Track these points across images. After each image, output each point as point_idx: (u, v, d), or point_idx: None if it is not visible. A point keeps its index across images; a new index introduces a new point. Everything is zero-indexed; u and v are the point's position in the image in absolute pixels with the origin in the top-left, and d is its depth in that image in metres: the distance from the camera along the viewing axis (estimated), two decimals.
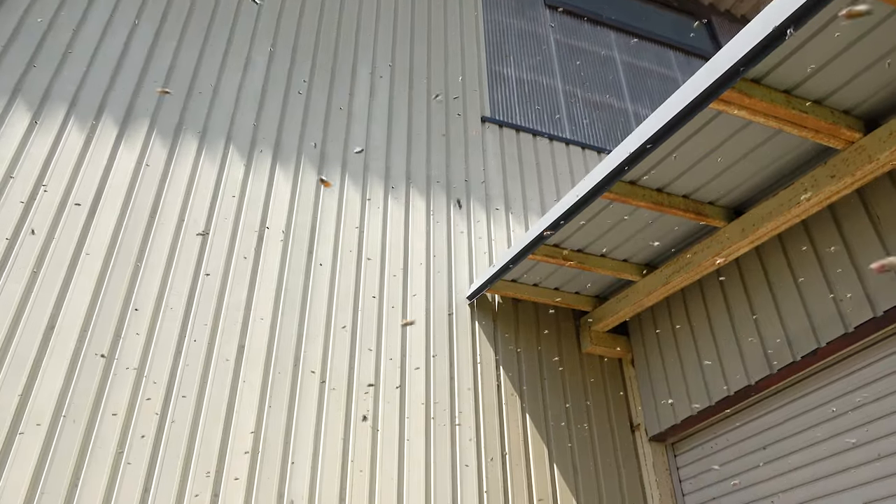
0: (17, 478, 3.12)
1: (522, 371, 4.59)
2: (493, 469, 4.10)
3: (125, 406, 3.49)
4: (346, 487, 3.70)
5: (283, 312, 4.11)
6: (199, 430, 3.56)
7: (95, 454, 3.31)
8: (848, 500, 3.26)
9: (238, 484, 3.49)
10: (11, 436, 3.20)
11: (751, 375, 3.82)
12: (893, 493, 3.08)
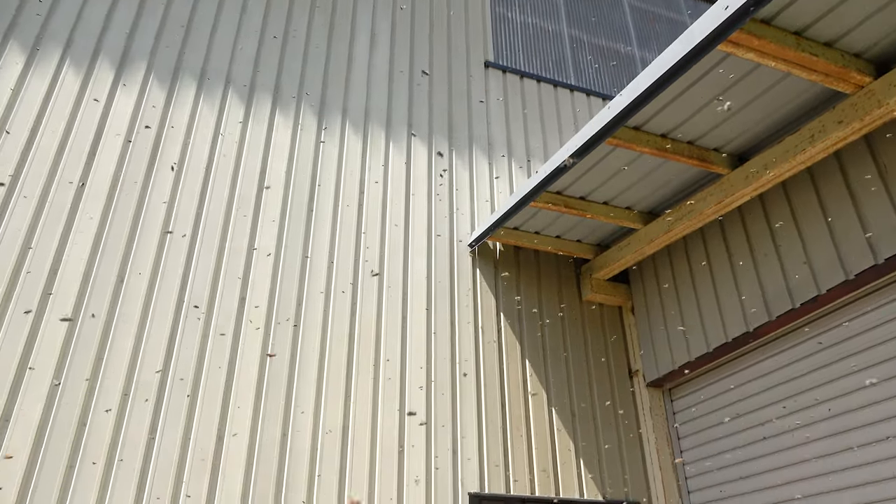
0: (22, 434, 3.19)
1: (522, 318, 4.63)
2: (493, 413, 4.18)
3: (129, 353, 3.54)
4: (348, 416, 3.78)
5: (283, 276, 4.12)
6: (199, 391, 3.62)
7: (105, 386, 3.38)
8: (843, 441, 3.32)
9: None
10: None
11: (749, 322, 3.85)
12: (889, 434, 3.13)
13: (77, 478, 3.16)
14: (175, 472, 3.34)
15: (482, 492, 3.92)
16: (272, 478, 3.51)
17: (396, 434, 3.88)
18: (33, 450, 3.14)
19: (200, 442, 3.45)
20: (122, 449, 3.29)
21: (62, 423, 3.24)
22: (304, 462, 3.61)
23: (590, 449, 4.34)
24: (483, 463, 4.00)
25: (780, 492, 3.59)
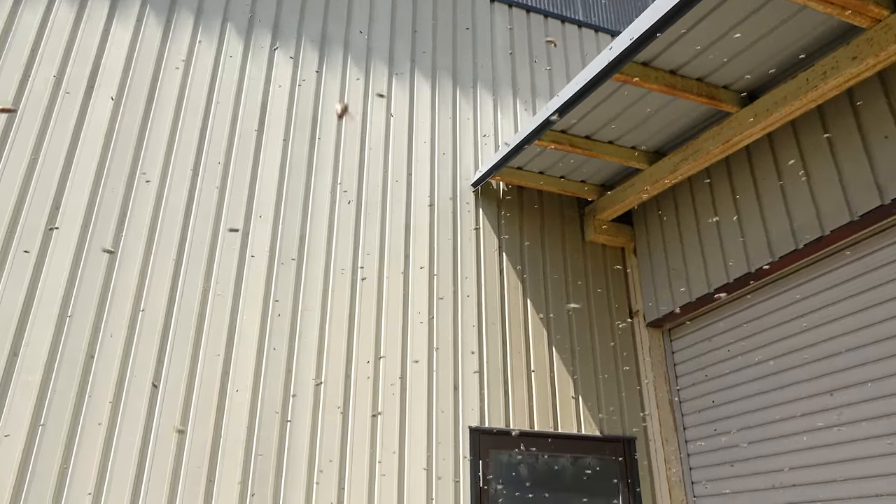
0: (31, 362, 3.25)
1: (525, 258, 4.64)
2: (494, 351, 4.24)
3: (137, 274, 3.57)
4: (352, 339, 3.85)
5: (286, 206, 4.10)
6: (206, 316, 3.66)
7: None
8: (843, 379, 3.36)
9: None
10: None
11: (751, 263, 3.85)
12: (890, 373, 3.16)
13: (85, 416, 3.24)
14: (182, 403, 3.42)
15: (482, 426, 4.01)
16: (276, 418, 3.60)
17: (399, 370, 3.95)
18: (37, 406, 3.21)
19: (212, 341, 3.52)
20: (131, 374, 3.37)
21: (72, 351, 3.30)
22: (307, 405, 3.68)
23: (589, 386, 4.42)
24: (483, 399, 4.09)
25: (773, 428, 3.66)
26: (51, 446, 3.12)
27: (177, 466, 3.30)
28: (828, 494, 3.31)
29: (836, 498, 3.27)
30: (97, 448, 3.19)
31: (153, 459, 3.26)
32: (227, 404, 3.51)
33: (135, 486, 3.19)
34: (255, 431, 3.51)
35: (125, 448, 3.23)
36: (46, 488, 3.04)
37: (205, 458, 3.36)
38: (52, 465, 3.09)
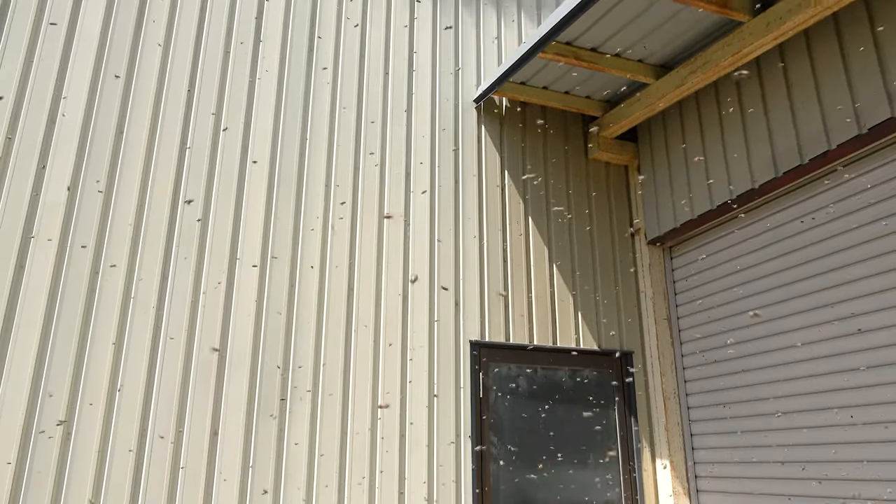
0: (41, 260, 3.28)
1: (527, 172, 4.60)
2: (495, 266, 4.27)
3: (138, 182, 3.56)
4: (353, 256, 3.89)
5: (284, 130, 4.03)
6: (207, 237, 3.67)
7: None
8: (846, 292, 3.40)
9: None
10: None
11: (755, 178, 3.82)
12: (892, 286, 3.20)
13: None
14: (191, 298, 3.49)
15: (482, 339, 4.10)
16: (280, 334, 3.67)
17: (401, 287, 3.99)
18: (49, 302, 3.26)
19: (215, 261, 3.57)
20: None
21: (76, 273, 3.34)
22: (311, 315, 3.75)
23: (588, 302, 4.48)
24: (484, 313, 4.15)
25: (770, 342, 3.73)
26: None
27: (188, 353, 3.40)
28: (817, 404, 3.40)
29: (824, 407, 3.37)
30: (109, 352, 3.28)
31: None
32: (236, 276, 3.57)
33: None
34: (262, 332, 3.59)
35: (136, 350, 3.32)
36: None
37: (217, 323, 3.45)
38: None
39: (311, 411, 3.60)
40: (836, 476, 3.23)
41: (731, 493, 3.86)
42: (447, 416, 3.87)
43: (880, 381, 3.11)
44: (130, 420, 3.24)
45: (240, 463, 3.38)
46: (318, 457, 3.54)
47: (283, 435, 3.50)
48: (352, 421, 3.66)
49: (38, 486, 3.01)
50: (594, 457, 4.23)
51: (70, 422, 3.12)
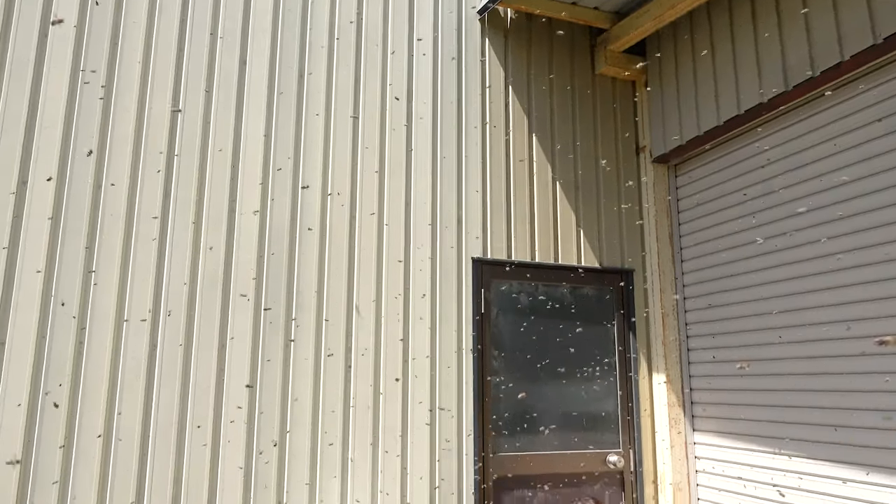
0: (41, 191, 3.29)
1: (532, 90, 4.51)
2: (497, 184, 4.26)
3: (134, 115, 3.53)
4: (355, 175, 3.89)
5: (282, 45, 3.92)
6: (206, 172, 3.65)
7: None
8: (856, 206, 3.38)
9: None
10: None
11: (764, 93, 3.73)
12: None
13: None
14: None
15: (484, 257, 4.14)
16: (284, 246, 3.71)
17: (402, 206, 4.00)
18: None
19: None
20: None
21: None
22: (313, 243, 3.77)
23: (590, 220, 4.49)
24: (486, 231, 4.17)
25: (770, 259, 3.75)
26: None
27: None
28: (823, 334, 3.45)
29: (819, 322, 3.42)
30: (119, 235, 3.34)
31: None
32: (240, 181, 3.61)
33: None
34: (267, 232, 3.64)
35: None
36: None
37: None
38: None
39: (315, 333, 3.69)
40: (833, 387, 3.32)
41: (724, 405, 3.99)
42: (449, 332, 3.96)
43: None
44: (140, 345, 3.34)
45: (248, 368, 3.50)
46: (323, 381, 3.66)
47: (288, 352, 3.61)
48: (355, 340, 3.76)
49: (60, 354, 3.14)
50: (593, 370, 4.34)
51: (83, 331, 3.23)
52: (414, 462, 3.74)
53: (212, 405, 3.41)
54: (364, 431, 3.67)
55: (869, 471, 3.07)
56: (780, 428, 3.58)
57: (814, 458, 3.35)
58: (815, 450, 3.35)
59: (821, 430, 3.33)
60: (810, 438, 3.38)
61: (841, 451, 3.21)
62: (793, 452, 3.48)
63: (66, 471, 3.12)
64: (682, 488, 4.18)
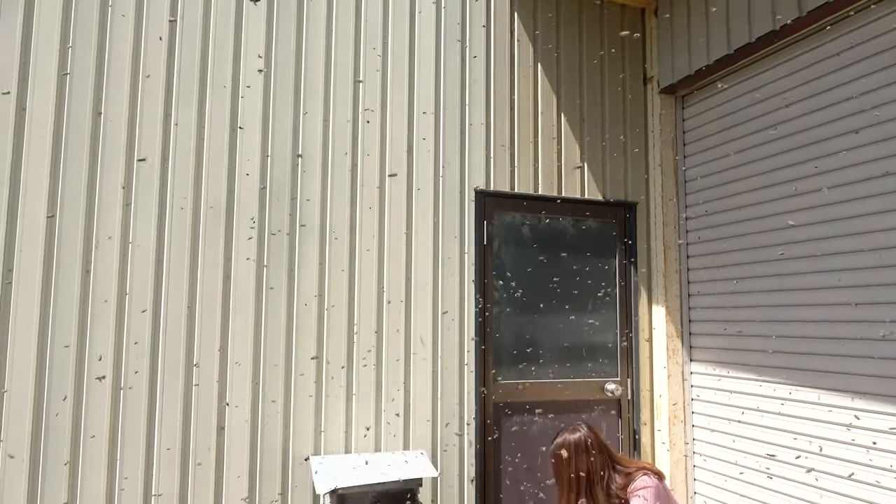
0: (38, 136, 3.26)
1: (538, 18, 4.39)
2: (501, 115, 4.20)
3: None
4: (356, 118, 3.86)
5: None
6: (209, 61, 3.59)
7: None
8: (870, 136, 3.34)
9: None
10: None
11: (777, 20, 3.62)
12: None
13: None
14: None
15: (487, 188, 4.12)
16: (287, 169, 3.69)
17: (405, 143, 3.96)
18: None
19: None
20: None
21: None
22: (315, 171, 3.75)
23: (595, 152, 4.45)
24: (490, 162, 4.14)
25: (776, 191, 3.72)
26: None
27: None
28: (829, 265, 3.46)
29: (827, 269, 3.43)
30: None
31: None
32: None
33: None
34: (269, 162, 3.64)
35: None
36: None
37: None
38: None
39: (318, 249, 3.72)
40: (832, 317, 3.36)
41: (723, 336, 4.05)
42: (451, 263, 3.98)
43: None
44: (145, 270, 3.38)
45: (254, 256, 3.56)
46: (327, 308, 3.71)
47: (293, 255, 3.65)
48: (359, 268, 3.79)
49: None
50: (594, 301, 4.40)
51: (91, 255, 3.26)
52: (417, 391, 3.84)
53: (218, 337, 3.49)
54: (367, 358, 3.75)
55: (858, 397, 3.14)
56: (781, 358, 3.64)
57: (813, 387, 3.43)
58: (815, 379, 3.41)
59: (819, 359, 3.39)
60: (808, 367, 3.45)
61: (838, 380, 3.28)
62: (792, 382, 3.55)
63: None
64: (677, 416, 4.29)
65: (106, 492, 3.23)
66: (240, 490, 3.46)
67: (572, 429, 3.24)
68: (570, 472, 3.14)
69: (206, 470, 3.40)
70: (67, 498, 3.15)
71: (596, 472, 3.14)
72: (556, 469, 3.19)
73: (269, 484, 3.52)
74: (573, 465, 3.14)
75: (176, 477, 3.35)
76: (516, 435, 4.09)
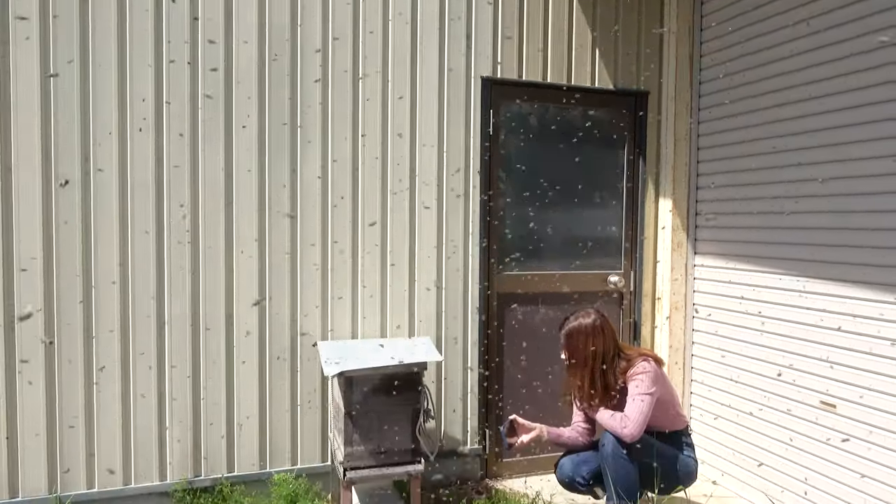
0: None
1: None
2: (510, 6, 4.00)
3: None
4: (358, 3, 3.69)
5: None
6: None
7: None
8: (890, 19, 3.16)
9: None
10: None
11: None
12: None
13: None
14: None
15: (494, 76, 3.98)
16: (285, 71, 3.56)
17: (409, 26, 3.79)
18: None
19: None
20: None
21: None
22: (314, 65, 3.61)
23: (606, 38, 4.26)
24: (497, 48, 3.98)
25: (799, 92, 3.57)
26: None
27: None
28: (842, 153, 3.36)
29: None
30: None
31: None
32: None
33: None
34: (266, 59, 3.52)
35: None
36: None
37: None
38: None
39: (321, 149, 3.66)
40: (838, 225, 3.32)
41: (729, 228, 4.03)
42: (456, 152, 3.91)
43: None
44: (147, 153, 3.33)
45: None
46: (332, 201, 3.68)
47: (294, 149, 3.61)
48: (362, 160, 3.73)
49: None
50: (600, 193, 4.35)
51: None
52: (420, 278, 3.88)
53: (221, 230, 3.49)
54: (372, 245, 3.77)
55: (862, 287, 3.15)
56: (785, 250, 3.63)
57: (815, 278, 3.44)
58: (818, 269, 3.42)
59: (822, 250, 3.37)
60: (819, 258, 3.44)
61: (839, 270, 3.28)
62: (795, 272, 3.56)
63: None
64: (679, 307, 4.35)
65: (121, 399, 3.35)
66: (250, 377, 3.58)
67: (584, 313, 3.29)
68: (584, 352, 3.21)
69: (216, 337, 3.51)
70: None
71: (606, 354, 3.23)
72: (570, 349, 3.25)
73: (279, 370, 3.64)
74: (588, 346, 3.21)
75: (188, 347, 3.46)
76: (519, 325, 4.18)
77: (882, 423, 3.02)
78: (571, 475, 3.32)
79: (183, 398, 3.46)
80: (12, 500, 3.20)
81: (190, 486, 3.48)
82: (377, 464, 3.27)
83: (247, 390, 3.57)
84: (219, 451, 3.54)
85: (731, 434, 3.98)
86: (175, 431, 3.45)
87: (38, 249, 3.17)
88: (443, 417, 3.96)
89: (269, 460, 3.64)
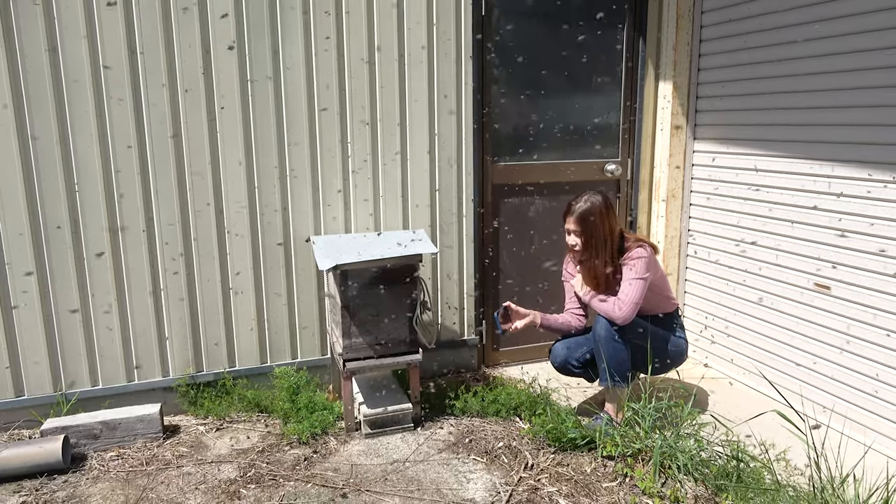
0: None
1: None
2: None
3: None
4: None
5: None
6: None
7: None
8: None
9: None
10: None
11: None
12: None
13: None
14: None
15: None
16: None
17: None
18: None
19: None
20: None
21: None
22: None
23: None
24: None
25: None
26: None
27: None
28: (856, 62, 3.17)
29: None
30: None
31: None
32: None
33: None
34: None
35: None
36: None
37: None
38: None
39: (303, 27, 3.45)
40: (840, 121, 3.18)
41: (730, 111, 3.89)
42: (447, 41, 3.70)
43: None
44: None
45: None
46: (317, 89, 3.50)
47: (275, 31, 3.41)
48: (347, 43, 3.53)
49: None
50: (598, 79, 4.17)
51: None
52: (414, 174, 3.78)
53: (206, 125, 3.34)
54: (361, 141, 3.65)
55: (838, 165, 3.07)
56: (789, 131, 3.52)
57: (825, 160, 3.36)
58: (814, 150, 3.33)
59: (832, 130, 3.27)
60: (820, 139, 3.35)
61: (834, 150, 3.19)
62: (801, 155, 3.47)
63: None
64: (676, 196, 4.29)
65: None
66: (244, 267, 3.55)
67: (591, 194, 3.19)
68: (603, 230, 3.15)
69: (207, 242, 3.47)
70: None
71: (612, 234, 3.18)
72: (585, 230, 3.15)
73: (273, 260, 3.61)
74: (604, 224, 3.15)
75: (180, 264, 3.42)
76: (514, 216, 4.12)
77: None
78: (565, 359, 3.37)
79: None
80: (18, 397, 3.26)
81: (192, 380, 3.54)
82: (376, 355, 3.31)
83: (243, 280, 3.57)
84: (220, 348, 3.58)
85: (725, 319, 4.04)
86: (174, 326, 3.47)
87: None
88: (440, 309, 3.99)
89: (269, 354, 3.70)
